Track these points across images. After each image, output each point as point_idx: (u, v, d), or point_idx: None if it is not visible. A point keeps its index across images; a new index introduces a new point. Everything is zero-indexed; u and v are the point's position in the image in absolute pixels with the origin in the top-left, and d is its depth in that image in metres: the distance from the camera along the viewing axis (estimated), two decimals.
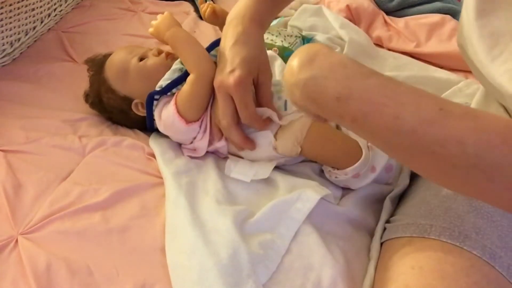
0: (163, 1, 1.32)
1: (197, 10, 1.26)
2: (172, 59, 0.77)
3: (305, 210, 0.63)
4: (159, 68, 0.76)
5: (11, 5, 0.95)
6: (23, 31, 1.01)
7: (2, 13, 0.93)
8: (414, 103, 0.44)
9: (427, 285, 0.52)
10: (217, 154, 0.77)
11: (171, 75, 0.74)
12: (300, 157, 0.74)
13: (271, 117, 0.69)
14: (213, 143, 0.74)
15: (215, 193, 0.66)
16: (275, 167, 0.72)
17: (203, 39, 1.14)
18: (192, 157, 0.75)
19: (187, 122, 0.71)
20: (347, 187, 0.71)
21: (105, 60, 0.82)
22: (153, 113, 0.75)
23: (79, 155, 0.75)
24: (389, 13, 1.28)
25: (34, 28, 1.04)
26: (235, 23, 0.69)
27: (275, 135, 0.70)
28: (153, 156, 0.75)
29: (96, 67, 0.83)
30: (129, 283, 0.57)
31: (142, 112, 0.78)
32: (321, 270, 0.58)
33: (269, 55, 0.93)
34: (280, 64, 0.94)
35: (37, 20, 1.05)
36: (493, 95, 0.63)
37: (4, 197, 0.66)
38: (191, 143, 0.75)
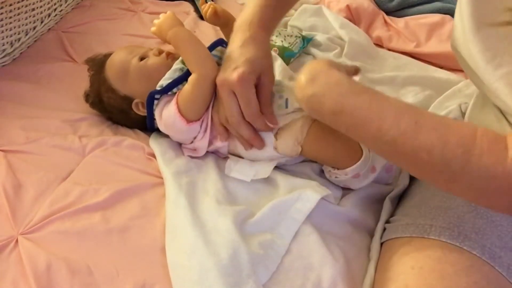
0: (163, 1, 1.32)
1: (197, 10, 1.26)
2: (172, 59, 0.77)
3: (305, 210, 0.63)
4: (160, 67, 0.76)
5: (11, 5, 0.95)
6: (23, 31, 1.01)
7: (2, 13, 0.93)
8: (394, 117, 0.51)
9: (427, 285, 0.52)
10: (217, 154, 0.77)
11: (171, 74, 0.74)
12: (300, 157, 0.74)
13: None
14: (213, 142, 0.74)
15: (215, 193, 0.66)
16: (275, 167, 0.72)
17: (203, 39, 1.13)
18: (192, 157, 0.75)
19: (188, 121, 0.71)
20: (347, 187, 0.72)
21: (106, 59, 0.82)
22: (154, 112, 0.75)
23: (79, 155, 0.75)
24: (389, 13, 1.28)
25: (34, 28, 1.04)
26: (243, 29, 0.71)
27: (276, 135, 0.71)
28: (153, 156, 0.75)
29: (96, 66, 0.83)
30: (129, 283, 0.57)
31: (142, 111, 0.78)
32: (321, 270, 0.58)
33: None
34: (280, 64, 0.94)
35: (37, 20, 1.05)
36: (488, 98, 0.63)
37: (4, 197, 0.66)
38: (192, 142, 0.75)
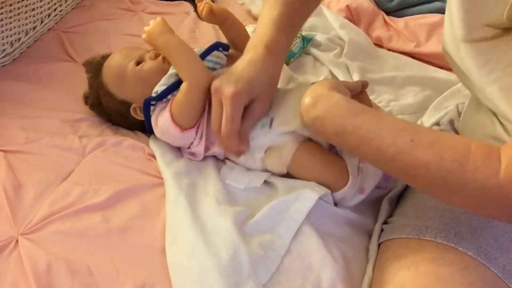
0: (163, 1, 1.32)
1: (197, 10, 1.26)
2: (169, 62, 0.76)
3: (304, 210, 0.63)
4: (156, 72, 0.75)
5: (11, 5, 0.95)
6: (23, 31, 1.01)
7: (2, 13, 0.93)
8: (391, 136, 0.54)
9: (423, 286, 0.52)
10: (216, 156, 0.77)
11: (167, 80, 0.73)
12: None
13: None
14: (210, 148, 0.74)
15: (215, 193, 0.67)
16: None
17: (203, 39, 1.15)
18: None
19: (182, 129, 0.71)
20: None
21: (103, 62, 0.82)
22: (151, 118, 0.75)
23: (79, 155, 0.75)
24: (389, 13, 1.28)
25: (34, 28, 1.04)
26: (258, 50, 0.69)
27: (266, 151, 0.70)
28: (153, 156, 0.75)
29: (93, 70, 0.83)
30: (129, 283, 0.57)
31: (140, 116, 0.77)
32: (320, 271, 0.58)
33: None
34: None
35: (37, 20, 1.05)
36: (482, 101, 0.63)
37: (4, 197, 0.66)
38: (189, 148, 0.75)
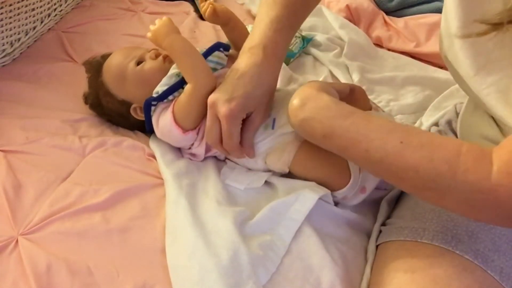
0: (163, 1, 1.31)
1: (197, 10, 1.26)
2: (169, 62, 0.76)
3: (304, 210, 0.63)
4: (156, 72, 0.75)
5: (11, 5, 0.94)
6: (23, 31, 1.01)
7: (2, 13, 0.93)
8: (381, 138, 0.53)
9: None
10: (217, 156, 0.77)
11: (168, 80, 0.73)
12: None
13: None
14: (211, 149, 0.74)
15: (215, 194, 0.67)
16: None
17: (203, 39, 1.15)
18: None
19: (184, 131, 0.71)
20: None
21: (103, 62, 0.81)
22: (151, 118, 0.75)
23: (79, 156, 0.75)
24: (389, 13, 1.28)
25: (34, 28, 1.04)
26: (254, 52, 0.68)
27: (268, 151, 0.70)
28: (153, 156, 0.75)
29: (93, 70, 0.82)
30: (129, 284, 0.57)
31: (140, 116, 0.77)
32: (320, 272, 0.59)
33: None
34: None
35: (37, 20, 1.05)
36: (479, 105, 0.63)
37: (4, 197, 0.66)
38: (189, 148, 0.75)
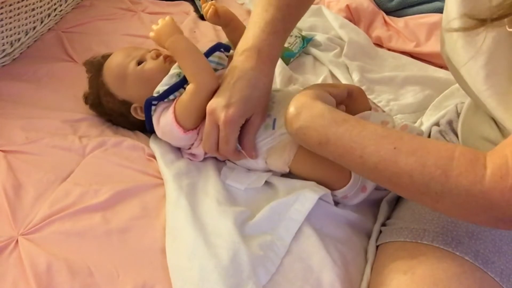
0: (163, 1, 1.31)
1: (197, 10, 1.26)
2: (170, 62, 0.76)
3: (304, 210, 0.63)
4: (157, 72, 0.75)
5: (11, 5, 0.95)
6: (23, 31, 1.01)
7: (2, 13, 0.93)
8: (374, 144, 0.53)
9: None
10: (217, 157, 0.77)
11: (168, 80, 0.73)
12: None
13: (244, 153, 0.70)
14: None
15: (215, 194, 0.66)
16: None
17: (203, 39, 1.15)
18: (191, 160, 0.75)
19: (185, 130, 0.71)
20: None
21: (103, 62, 0.81)
22: (152, 118, 0.75)
23: (79, 156, 0.75)
24: (389, 13, 1.28)
25: (34, 28, 1.04)
26: (249, 56, 0.68)
27: (268, 151, 0.71)
28: (153, 157, 0.75)
29: (94, 70, 0.82)
30: (129, 284, 0.57)
31: (141, 116, 0.77)
32: (320, 272, 0.59)
33: None
34: (280, 64, 0.94)
35: (37, 20, 1.05)
36: (480, 106, 0.63)
37: (4, 197, 0.66)
38: (189, 148, 0.75)
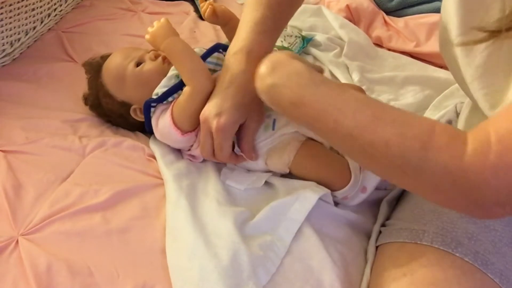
0: (163, 1, 1.31)
1: (197, 10, 1.26)
2: (169, 63, 0.76)
3: (304, 210, 0.63)
4: (156, 74, 0.75)
5: (11, 5, 0.95)
6: (23, 31, 1.01)
7: (2, 13, 0.93)
8: (352, 110, 0.50)
9: None
10: None
11: (167, 82, 0.73)
12: None
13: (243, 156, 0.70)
14: None
15: (215, 194, 0.67)
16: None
17: (203, 40, 1.15)
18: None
19: (183, 132, 0.71)
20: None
21: (102, 63, 0.81)
22: (151, 119, 0.75)
23: (79, 156, 0.75)
24: (389, 13, 1.28)
25: (34, 28, 1.04)
26: (239, 58, 0.67)
27: (268, 151, 0.71)
28: (153, 157, 0.75)
29: (93, 71, 0.82)
30: (130, 284, 0.57)
31: (140, 117, 0.77)
32: (320, 273, 0.59)
33: None
34: None
35: (37, 20, 1.05)
36: (478, 107, 0.63)
37: (4, 197, 0.66)
38: (189, 150, 0.75)
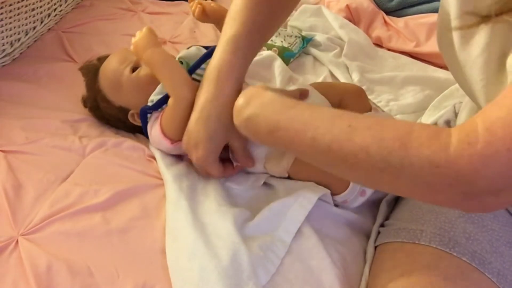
0: (163, 1, 1.32)
1: None
2: None
3: (303, 211, 0.63)
4: (152, 79, 0.73)
5: (11, 5, 0.95)
6: (23, 31, 1.01)
7: (2, 13, 0.93)
8: (327, 125, 0.50)
9: None
10: None
11: (161, 89, 0.72)
12: None
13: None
14: None
15: (215, 195, 0.67)
16: None
17: (203, 40, 1.15)
18: None
19: (173, 141, 0.71)
20: None
21: (99, 65, 0.80)
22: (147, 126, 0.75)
23: (79, 156, 0.75)
24: (389, 13, 1.28)
25: (34, 28, 1.04)
26: (210, 79, 0.66)
27: (266, 156, 0.71)
28: (153, 157, 0.75)
29: (90, 74, 0.81)
30: (130, 284, 0.57)
31: (138, 122, 0.77)
32: (320, 274, 0.59)
33: (268, 55, 0.93)
34: (279, 64, 0.94)
35: (37, 20, 1.05)
36: (477, 105, 0.63)
37: (4, 197, 0.66)
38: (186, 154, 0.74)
